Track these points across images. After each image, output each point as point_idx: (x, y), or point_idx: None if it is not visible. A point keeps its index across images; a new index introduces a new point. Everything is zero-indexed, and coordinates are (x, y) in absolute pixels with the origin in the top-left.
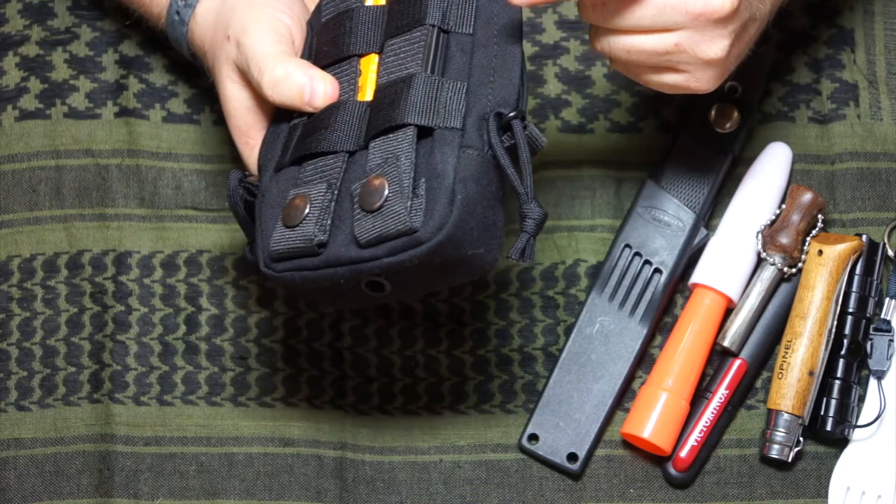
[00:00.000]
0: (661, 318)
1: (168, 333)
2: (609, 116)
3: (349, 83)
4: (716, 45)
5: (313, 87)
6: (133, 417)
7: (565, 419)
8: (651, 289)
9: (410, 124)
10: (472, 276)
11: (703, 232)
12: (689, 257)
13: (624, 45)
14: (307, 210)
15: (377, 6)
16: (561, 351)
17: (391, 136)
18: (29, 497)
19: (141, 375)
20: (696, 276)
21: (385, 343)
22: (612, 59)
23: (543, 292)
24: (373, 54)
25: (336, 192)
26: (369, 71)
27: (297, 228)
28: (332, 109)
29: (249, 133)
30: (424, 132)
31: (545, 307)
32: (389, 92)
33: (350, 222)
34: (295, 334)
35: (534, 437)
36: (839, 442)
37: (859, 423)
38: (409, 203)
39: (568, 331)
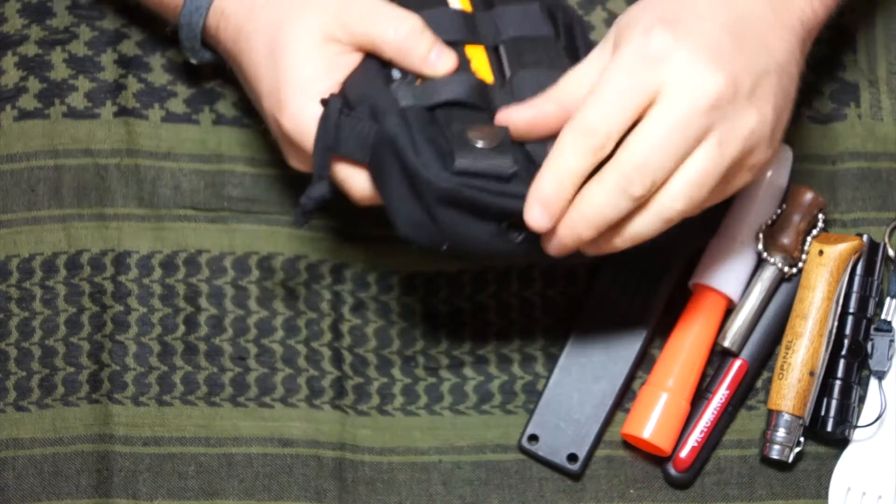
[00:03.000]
0: (661, 318)
1: (167, 333)
2: None
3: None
4: (745, 121)
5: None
6: (132, 418)
7: (565, 419)
8: (651, 289)
9: None
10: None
11: None
12: (689, 257)
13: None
14: (500, 141)
15: (465, 11)
16: (561, 351)
17: None
18: (27, 497)
19: (140, 376)
20: (697, 276)
21: (385, 343)
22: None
23: (543, 292)
24: (479, 45)
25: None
26: (483, 60)
27: (491, 153)
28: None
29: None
30: None
31: (545, 307)
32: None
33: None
34: (294, 334)
35: (534, 438)
36: (839, 442)
37: (860, 423)
38: None
39: (568, 331)
